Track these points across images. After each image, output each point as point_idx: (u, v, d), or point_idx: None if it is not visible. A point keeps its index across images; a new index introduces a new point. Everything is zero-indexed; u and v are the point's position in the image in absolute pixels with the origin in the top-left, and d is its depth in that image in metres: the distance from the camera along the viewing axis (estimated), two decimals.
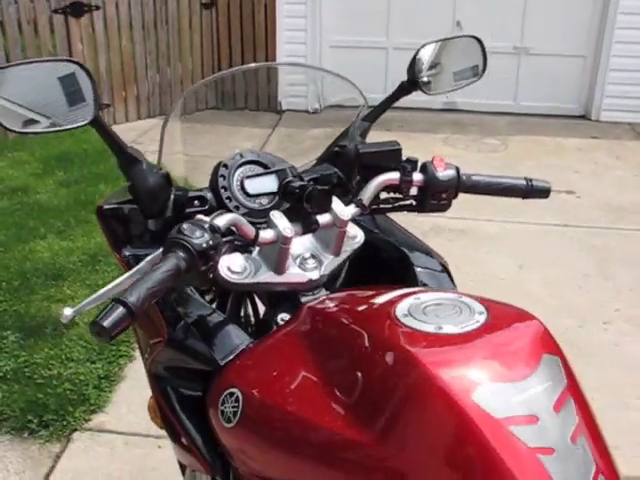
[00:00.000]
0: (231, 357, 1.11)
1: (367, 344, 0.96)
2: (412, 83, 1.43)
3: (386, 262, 1.34)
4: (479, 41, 1.46)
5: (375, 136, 1.45)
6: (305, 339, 1.04)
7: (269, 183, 1.28)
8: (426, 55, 1.41)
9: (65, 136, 5.40)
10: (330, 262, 1.22)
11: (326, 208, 1.19)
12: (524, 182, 1.32)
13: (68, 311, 1.08)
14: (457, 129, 6.27)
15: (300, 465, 0.97)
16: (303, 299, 1.19)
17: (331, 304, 1.12)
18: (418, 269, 1.28)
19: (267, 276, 1.17)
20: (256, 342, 1.13)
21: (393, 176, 1.28)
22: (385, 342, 0.95)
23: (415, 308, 0.99)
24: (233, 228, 1.11)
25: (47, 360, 2.90)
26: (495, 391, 0.86)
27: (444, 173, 1.27)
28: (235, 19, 6.77)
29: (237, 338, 1.14)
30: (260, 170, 1.30)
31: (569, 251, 4.04)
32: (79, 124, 1.18)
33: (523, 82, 6.59)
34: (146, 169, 1.22)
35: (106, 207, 1.23)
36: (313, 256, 1.21)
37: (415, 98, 1.49)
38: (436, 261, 1.32)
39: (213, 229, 1.03)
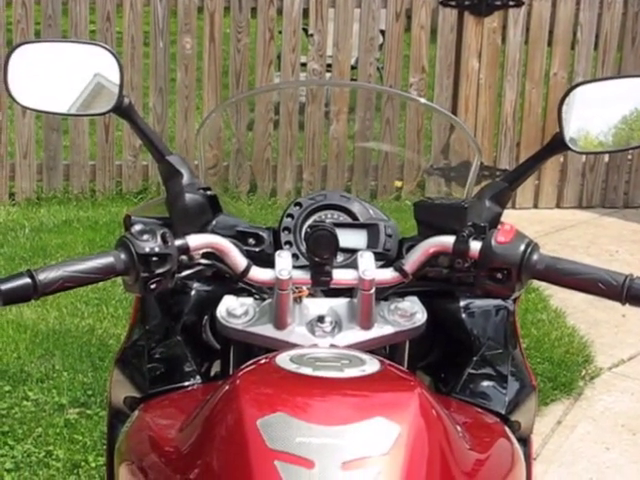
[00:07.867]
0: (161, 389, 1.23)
1: None
2: (558, 139, 1.19)
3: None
4: None
5: None
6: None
7: (354, 238, 1.19)
8: (577, 102, 1.16)
9: None
10: (352, 333, 1.11)
11: (322, 251, 1.09)
12: (622, 279, 1.02)
13: None
14: None
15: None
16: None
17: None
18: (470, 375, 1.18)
19: (264, 328, 1.13)
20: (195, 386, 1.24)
21: (446, 240, 1.10)
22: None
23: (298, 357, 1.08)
24: (212, 251, 1.13)
25: None
26: (287, 424, 0.92)
27: (504, 246, 1.05)
28: None
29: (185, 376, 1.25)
30: (346, 220, 1.24)
31: None
32: (101, 111, 1.27)
33: None
34: (187, 184, 1.20)
35: (134, 218, 1.17)
36: (334, 322, 1.12)
37: None
38: (518, 383, 1.16)
39: (165, 238, 1.05)
